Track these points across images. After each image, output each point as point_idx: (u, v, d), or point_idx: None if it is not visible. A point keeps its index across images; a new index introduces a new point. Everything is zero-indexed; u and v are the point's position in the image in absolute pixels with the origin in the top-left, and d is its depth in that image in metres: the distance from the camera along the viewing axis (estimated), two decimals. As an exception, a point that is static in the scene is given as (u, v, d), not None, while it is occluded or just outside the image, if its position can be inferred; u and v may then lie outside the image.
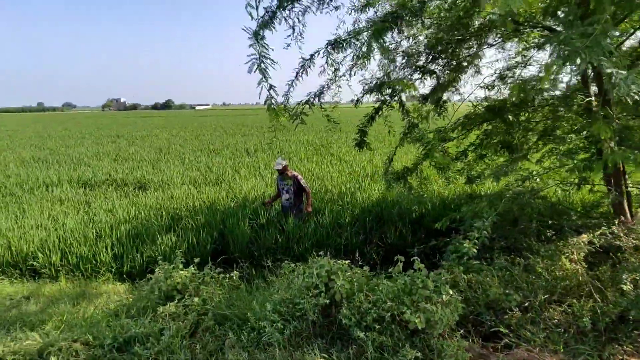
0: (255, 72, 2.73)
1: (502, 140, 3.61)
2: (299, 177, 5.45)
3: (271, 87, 3.26)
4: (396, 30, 2.02)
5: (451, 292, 2.36)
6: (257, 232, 5.26)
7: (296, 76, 3.70)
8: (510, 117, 3.48)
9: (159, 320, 2.65)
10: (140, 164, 11.67)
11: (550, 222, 3.98)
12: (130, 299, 3.82)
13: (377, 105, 4.49)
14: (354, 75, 3.85)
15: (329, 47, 3.43)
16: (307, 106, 3.87)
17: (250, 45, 3.08)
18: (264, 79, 3.15)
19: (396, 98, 4.11)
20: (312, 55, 3.56)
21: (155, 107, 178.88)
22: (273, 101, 3.30)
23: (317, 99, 4.17)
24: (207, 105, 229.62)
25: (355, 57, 4.10)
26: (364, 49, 3.79)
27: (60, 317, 3.33)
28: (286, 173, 5.43)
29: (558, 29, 3.16)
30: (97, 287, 4.42)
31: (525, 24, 2.68)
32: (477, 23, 3.27)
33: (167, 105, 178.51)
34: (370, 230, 5.26)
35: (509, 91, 4.39)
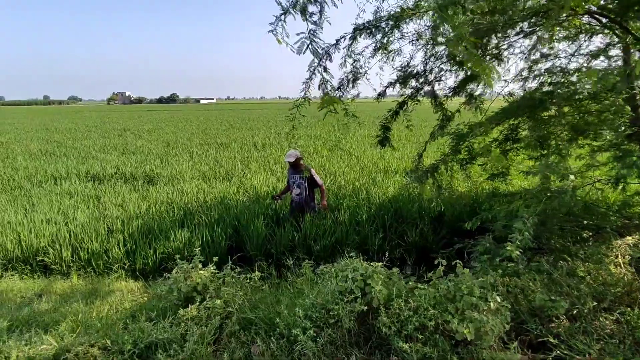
0: (304, 53, 2.52)
1: (542, 135, 3.40)
2: (313, 170, 5.14)
3: (325, 69, 3.06)
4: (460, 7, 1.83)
5: (499, 299, 2.18)
6: (273, 229, 5.09)
7: (319, 63, 3.49)
8: (553, 109, 3.26)
9: (181, 324, 2.49)
10: (148, 158, 11.54)
11: (585, 222, 3.77)
12: (145, 298, 3.67)
13: (401, 99, 4.28)
14: (392, 60, 3.64)
15: (357, 31, 3.22)
16: (341, 93, 3.67)
17: (269, 31, 2.86)
18: (315, 60, 2.95)
19: (423, 91, 3.90)
20: (337, 41, 3.35)
21: (160, 100, 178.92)
22: (328, 85, 3.10)
23: (351, 84, 3.95)
24: (211, 99, 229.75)
25: (375, 48, 3.90)
26: (389, 37, 3.60)
27: (74, 317, 3.18)
28: (299, 166, 5.13)
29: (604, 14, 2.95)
30: (110, 284, 4.28)
31: (577, 8, 2.47)
32: (520, 8, 3.05)
33: (172, 99, 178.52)
34: (389, 228, 5.08)
35: (537, 84, 4.18)
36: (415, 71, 3.88)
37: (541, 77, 4.02)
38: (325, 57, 3.46)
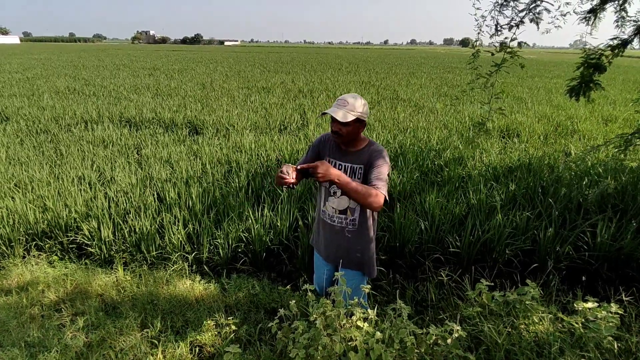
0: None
1: None
2: (385, 152, 1.99)
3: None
4: None
5: None
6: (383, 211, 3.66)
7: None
8: None
9: None
10: (187, 101, 10.10)
11: None
12: (233, 327, 2.37)
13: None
14: None
15: None
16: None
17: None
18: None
19: None
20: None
21: (184, 41, 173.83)
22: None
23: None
24: (235, 41, 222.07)
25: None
26: None
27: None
28: (356, 138, 2.00)
29: None
30: (169, 282, 3.03)
31: None
32: None
33: (196, 40, 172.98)
34: (562, 220, 3.48)
35: None
36: None
37: None
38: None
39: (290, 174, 1.75)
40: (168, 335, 2.35)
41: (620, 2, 2.77)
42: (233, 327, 2.32)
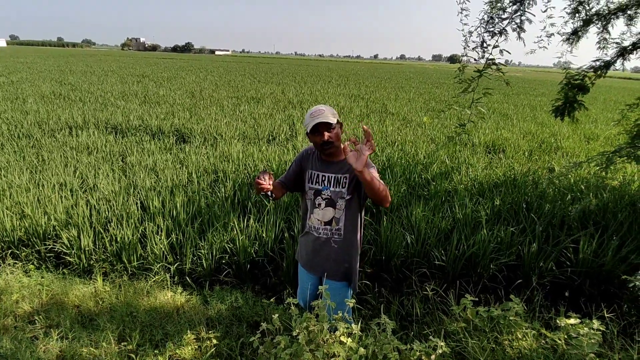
0: None
1: None
2: (372, 164, 1.96)
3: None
4: None
5: None
6: (368, 226, 3.66)
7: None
8: None
9: None
10: (175, 109, 10.03)
11: None
12: (215, 341, 2.31)
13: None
14: None
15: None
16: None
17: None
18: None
19: None
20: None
21: (175, 49, 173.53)
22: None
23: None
24: (227, 51, 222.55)
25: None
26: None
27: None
28: (338, 147, 1.99)
29: None
30: (150, 293, 2.94)
31: None
32: None
33: (187, 49, 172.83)
34: (545, 236, 3.53)
35: None
36: None
37: None
38: None
39: (266, 180, 1.82)
40: (146, 349, 2.27)
41: (604, 23, 2.89)
42: (214, 341, 2.26)
